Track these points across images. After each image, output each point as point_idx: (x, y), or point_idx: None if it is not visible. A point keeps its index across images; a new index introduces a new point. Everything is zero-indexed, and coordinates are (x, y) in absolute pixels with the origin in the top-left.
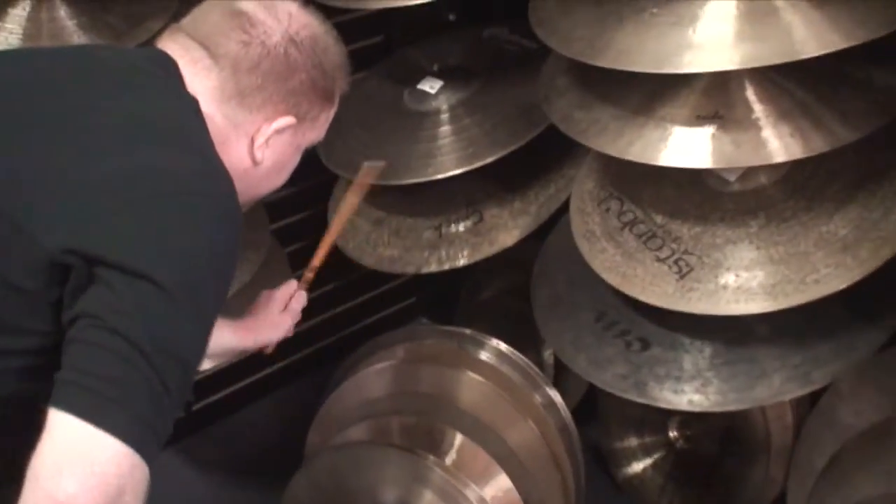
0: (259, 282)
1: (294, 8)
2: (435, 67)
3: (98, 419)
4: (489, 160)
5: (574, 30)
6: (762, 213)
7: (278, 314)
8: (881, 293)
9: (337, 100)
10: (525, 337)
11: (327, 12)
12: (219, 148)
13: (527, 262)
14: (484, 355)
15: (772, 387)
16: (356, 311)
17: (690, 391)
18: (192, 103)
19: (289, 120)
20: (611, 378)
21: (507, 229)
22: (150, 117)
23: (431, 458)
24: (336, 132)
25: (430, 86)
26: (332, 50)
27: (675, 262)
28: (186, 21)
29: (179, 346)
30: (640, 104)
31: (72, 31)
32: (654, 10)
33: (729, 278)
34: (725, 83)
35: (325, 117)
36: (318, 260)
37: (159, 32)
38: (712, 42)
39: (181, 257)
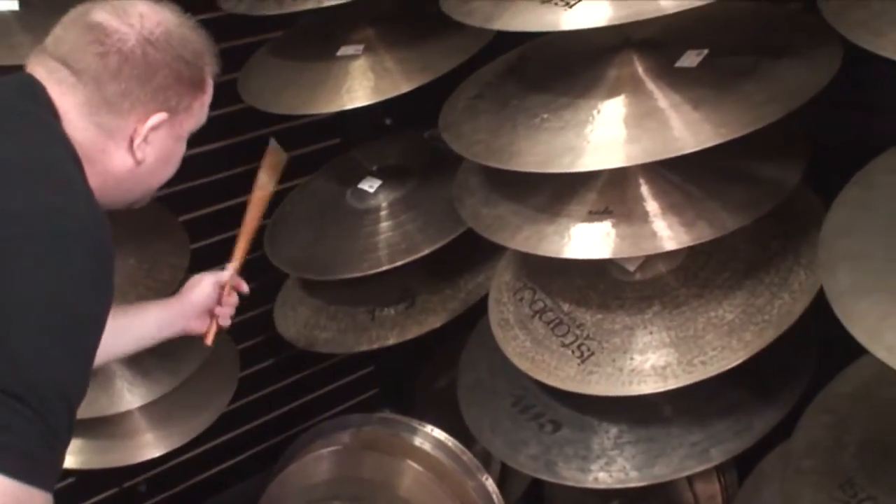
0: None
1: (145, 8)
2: (374, 168)
3: None
4: (419, 255)
5: (475, 134)
6: (657, 300)
7: (202, 306)
8: (776, 376)
9: (209, 84)
10: None
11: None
12: (98, 157)
13: None
14: (420, 442)
15: (671, 464)
16: (321, 401)
17: (596, 469)
18: (60, 138)
19: (161, 116)
20: (524, 459)
21: (436, 313)
22: (15, 160)
23: None
24: (282, 230)
25: (370, 185)
26: (191, 39)
27: (578, 347)
28: (48, 41)
29: (58, 385)
30: (543, 202)
31: None
32: (545, 116)
33: (625, 361)
34: (622, 181)
35: (200, 104)
36: (241, 252)
37: None
38: (596, 143)
39: (49, 300)
